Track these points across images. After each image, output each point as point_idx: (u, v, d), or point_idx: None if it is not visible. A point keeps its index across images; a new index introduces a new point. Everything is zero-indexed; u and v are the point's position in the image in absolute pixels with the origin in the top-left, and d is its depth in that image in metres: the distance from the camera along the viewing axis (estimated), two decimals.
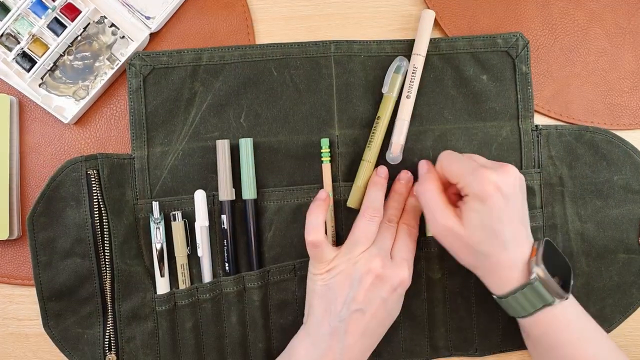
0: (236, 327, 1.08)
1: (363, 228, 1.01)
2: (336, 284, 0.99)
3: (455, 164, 0.97)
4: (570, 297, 0.97)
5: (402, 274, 0.99)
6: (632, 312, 1.12)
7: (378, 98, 1.10)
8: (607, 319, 1.10)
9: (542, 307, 0.95)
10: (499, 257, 0.95)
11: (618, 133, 1.13)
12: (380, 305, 0.98)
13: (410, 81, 1.08)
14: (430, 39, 1.10)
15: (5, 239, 1.07)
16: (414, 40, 1.10)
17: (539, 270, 0.93)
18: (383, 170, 1.07)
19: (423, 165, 1.03)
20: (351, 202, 1.08)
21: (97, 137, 1.12)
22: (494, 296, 1.00)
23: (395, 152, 1.07)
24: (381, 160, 1.09)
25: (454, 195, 1.02)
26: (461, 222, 0.95)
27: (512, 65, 1.11)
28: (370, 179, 1.06)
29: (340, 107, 1.10)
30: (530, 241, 0.98)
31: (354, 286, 0.97)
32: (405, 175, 1.08)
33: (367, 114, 1.10)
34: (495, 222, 0.93)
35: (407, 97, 1.08)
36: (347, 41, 1.11)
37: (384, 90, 1.09)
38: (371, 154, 1.07)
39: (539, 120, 1.14)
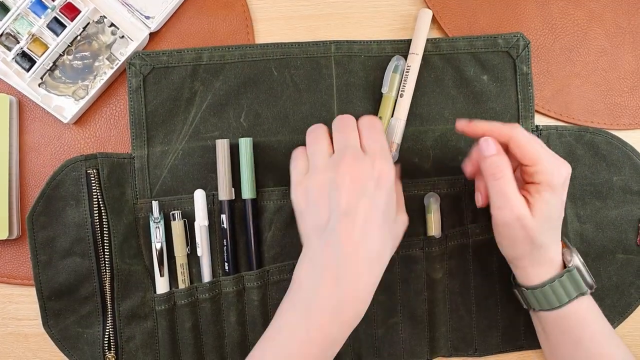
0: (236, 327, 1.08)
1: (311, 139, 0.97)
2: (314, 194, 0.91)
3: (534, 144, 0.92)
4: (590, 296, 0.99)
5: (378, 165, 0.90)
6: (630, 313, 1.13)
7: (378, 98, 1.11)
8: (606, 319, 1.10)
9: (576, 297, 0.96)
10: (551, 248, 0.96)
11: (618, 133, 1.13)
12: (368, 204, 0.88)
13: (404, 80, 1.08)
14: (431, 39, 1.11)
15: (4, 238, 1.07)
16: (424, 42, 1.10)
17: (576, 259, 0.95)
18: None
19: (491, 145, 0.93)
20: None
21: (96, 137, 1.12)
22: (523, 289, 1.00)
23: (392, 150, 1.07)
24: None
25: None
26: (532, 212, 0.92)
27: (513, 65, 1.11)
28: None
29: (341, 107, 1.10)
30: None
31: (332, 193, 0.89)
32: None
33: (367, 114, 1.09)
34: (557, 215, 0.95)
35: (401, 96, 1.08)
36: (347, 41, 1.11)
37: (384, 90, 1.09)
38: None
39: (538, 120, 1.14)
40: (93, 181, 1.05)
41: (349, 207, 0.88)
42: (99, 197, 1.05)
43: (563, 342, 0.99)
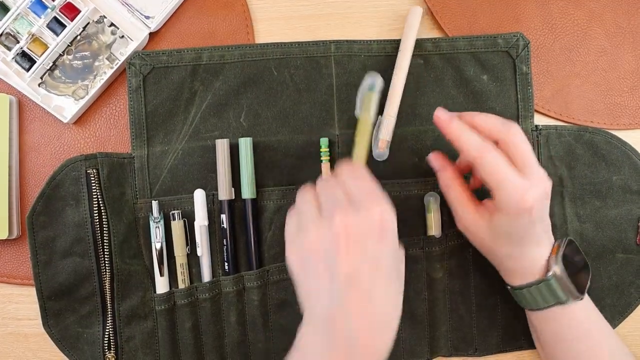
0: (235, 327, 1.08)
1: (299, 199, 0.88)
2: (311, 264, 0.82)
3: (494, 172, 0.88)
4: (585, 296, 0.98)
5: (376, 212, 0.81)
6: (630, 312, 1.13)
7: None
8: (606, 319, 1.09)
9: (554, 305, 0.96)
10: (519, 258, 0.96)
11: (617, 133, 1.13)
12: (373, 267, 0.80)
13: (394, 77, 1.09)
14: (431, 39, 1.11)
15: (4, 238, 1.07)
16: (414, 39, 1.10)
17: (557, 269, 0.94)
18: None
19: (438, 160, 0.98)
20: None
21: (96, 137, 1.12)
22: (508, 286, 1.02)
23: (382, 148, 1.07)
24: (370, 158, 1.09)
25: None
26: (484, 222, 0.94)
27: (513, 65, 1.11)
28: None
29: (340, 107, 1.10)
30: (551, 240, 0.99)
31: (330, 259, 0.80)
32: None
33: None
34: (521, 234, 0.93)
35: (392, 94, 1.08)
36: (347, 41, 1.11)
37: (357, 112, 1.03)
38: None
39: (538, 120, 1.14)
40: (93, 181, 1.05)
41: (351, 274, 0.78)
42: (98, 197, 1.05)
43: (550, 342, 1.00)
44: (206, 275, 1.08)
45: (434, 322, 1.11)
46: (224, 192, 1.06)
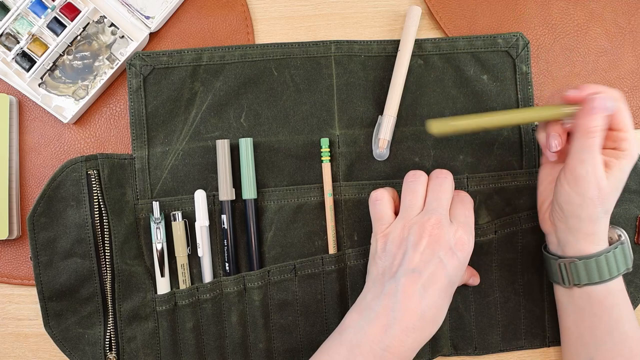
0: (236, 327, 1.08)
1: (410, 189, 0.99)
2: (392, 246, 0.96)
3: (628, 115, 0.94)
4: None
5: (460, 235, 0.94)
6: None
7: (378, 98, 1.11)
8: None
9: (624, 272, 0.98)
10: (606, 217, 0.96)
11: None
12: (438, 267, 0.92)
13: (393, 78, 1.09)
14: (431, 39, 1.11)
15: (4, 238, 1.07)
16: (414, 40, 1.10)
17: (623, 234, 0.97)
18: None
19: (604, 104, 0.92)
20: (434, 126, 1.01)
21: (96, 137, 1.12)
22: (577, 260, 0.98)
23: (382, 147, 1.08)
24: (371, 157, 1.11)
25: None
26: (607, 176, 0.93)
27: (513, 65, 1.11)
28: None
29: (341, 107, 1.11)
30: None
31: (409, 248, 0.94)
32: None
33: (368, 114, 1.11)
34: (622, 187, 0.96)
35: (392, 93, 1.08)
36: (347, 41, 1.11)
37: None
38: None
39: None
40: (94, 182, 1.05)
41: (418, 265, 0.92)
42: (99, 197, 1.05)
43: (601, 322, 0.97)
44: (207, 276, 1.08)
45: None
46: (225, 193, 1.06)
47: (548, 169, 1.03)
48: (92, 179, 1.05)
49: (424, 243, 0.93)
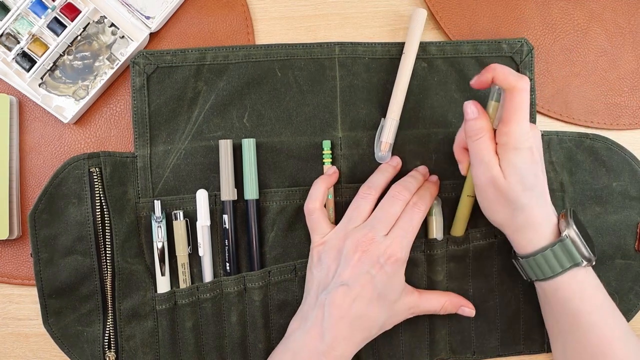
0: (236, 327, 1.08)
1: (355, 205, 1.03)
2: (327, 258, 1.01)
3: (515, 106, 0.93)
4: (594, 275, 0.99)
5: (390, 249, 0.98)
6: (630, 319, 1.13)
7: (381, 101, 1.11)
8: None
9: (570, 268, 0.96)
10: (533, 211, 0.96)
11: (618, 133, 1.14)
12: (367, 281, 0.97)
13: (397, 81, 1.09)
14: (436, 42, 1.11)
15: (5, 238, 1.07)
16: (419, 43, 1.10)
17: (571, 230, 0.96)
18: (396, 160, 1.09)
19: (472, 109, 0.97)
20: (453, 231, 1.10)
21: (97, 137, 1.12)
22: (520, 258, 1.01)
23: (384, 150, 1.08)
24: (373, 160, 1.11)
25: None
26: (503, 173, 0.95)
27: (517, 70, 1.11)
28: (380, 166, 1.08)
29: (344, 109, 1.11)
30: (553, 209, 1.00)
31: (342, 261, 0.99)
32: (423, 169, 1.10)
33: (370, 116, 1.11)
34: (531, 177, 0.95)
35: (395, 96, 1.08)
36: (351, 43, 1.11)
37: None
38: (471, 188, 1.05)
39: (539, 120, 1.14)
40: (95, 180, 1.05)
41: (349, 279, 0.98)
42: (101, 195, 1.05)
43: (562, 314, 0.99)
44: (207, 276, 1.08)
45: (434, 325, 1.11)
46: (227, 193, 1.06)
47: None
48: (94, 177, 1.05)
49: (356, 258, 0.98)
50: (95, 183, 1.05)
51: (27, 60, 1.08)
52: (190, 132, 1.09)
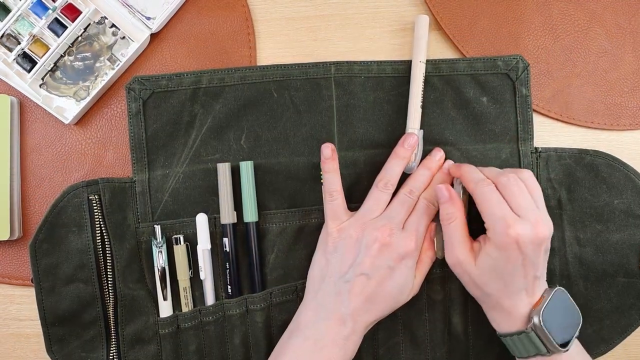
0: (239, 349, 1.09)
1: (375, 197, 1.04)
2: (344, 247, 1.01)
3: (486, 203, 0.95)
4: (573, 346, 0.98)
5: (408, 244, 1.00)
6: (630, 332, 1.13)
7: (378, 119, 1.12)
8: (605, 339, 1.12)
9: (536, 355, 0.97)
10: (502, 302, 0.97)
11: (618, 133, 1.14)
12: (386, 273, 0.99)
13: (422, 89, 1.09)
14: (431, 60, 1.11)
15: (5, 239, 1.08)
16: (426, 49, 1.10)
17: (537, 321, 0.95)
18: (412, 139, 1.06)
19: (444, 192, 1.00)
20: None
21: (97, 138, 1.12)
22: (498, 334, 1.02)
23: (412, 160, 1.08)
24: (371, 179, 1.09)
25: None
26: (474, 259, 0.97)
27: (512, 87, 1.11)
28: (394, 149, 1.07)
29: (341, 128, 1.11)
30: (542, 290, 0.99)
31: (361, 251, 1.00)
32: (438, 152, 1.09)
33: (367, 135, 1.11)
34: (507, 274, 0.95)
35: (410, 107, 1.09)
36: (347, 62, 1.11)
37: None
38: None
39: (538, 120, 1.14)
40: (95, 207, 1.05)
41: (369, 269, 0.99)
42: (101, 222, 1.06)
43: None
44: (209, 299, 1.09)
45: (435, 343, 1.12)
46: (226, 216, 1.07)
47: None
48: (94, 204, 1.05)
49: (375, 248, 0.99)
50: (95, 210, 1.05)
51: (27, 61, 1.08)
52: (187, 156, 1.09)
